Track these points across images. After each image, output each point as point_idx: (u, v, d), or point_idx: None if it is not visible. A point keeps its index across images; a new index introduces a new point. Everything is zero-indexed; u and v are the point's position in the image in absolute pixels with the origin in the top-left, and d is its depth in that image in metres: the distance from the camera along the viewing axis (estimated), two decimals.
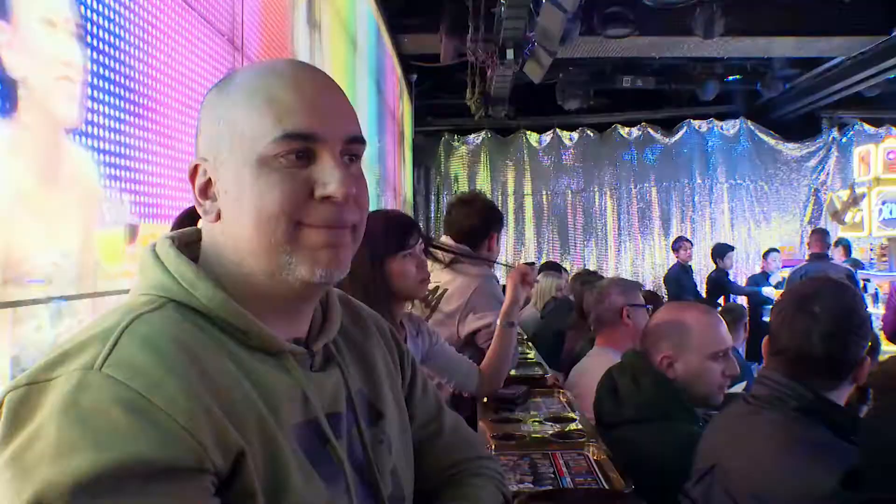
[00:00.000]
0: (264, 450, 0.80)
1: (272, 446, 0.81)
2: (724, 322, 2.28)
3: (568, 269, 7.95)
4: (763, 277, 8.50)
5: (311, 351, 0.93)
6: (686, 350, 2.15)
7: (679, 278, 8.74)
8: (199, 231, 0.94)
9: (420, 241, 2.17)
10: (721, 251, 8.78)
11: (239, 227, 0.87)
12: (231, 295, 0.86)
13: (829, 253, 7.80)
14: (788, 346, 1.70)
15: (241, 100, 0.87)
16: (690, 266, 9.02)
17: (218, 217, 0.88)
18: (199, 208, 0.90)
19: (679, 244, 9.13)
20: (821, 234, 7.78)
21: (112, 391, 0.72)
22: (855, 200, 9.00)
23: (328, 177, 0.85)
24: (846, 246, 8.54)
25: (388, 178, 7.43)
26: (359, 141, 0.91)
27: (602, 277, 5.47)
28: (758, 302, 7.90)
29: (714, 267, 8.81)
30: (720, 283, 8.54)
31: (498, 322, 2.49)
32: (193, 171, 0.90)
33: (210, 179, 0.88)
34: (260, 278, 0.88)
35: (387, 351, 1.10)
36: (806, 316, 1.68)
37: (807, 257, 7.95)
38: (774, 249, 8.95)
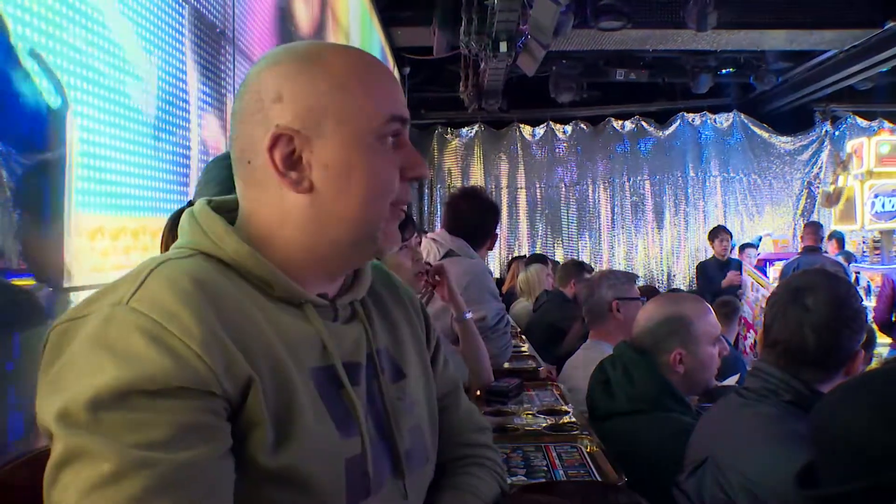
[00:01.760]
0: (276, 383, 0.85)
1: (285, 381, 0.85)
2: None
3: (560, 261, 7.92)
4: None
5: (335, 305, 0.98)
6: (694, 342, 2.18)
7: (714, 277, 7.67)
8: (237, 199, 0.97)
9: (416, 234, 2.16)
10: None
11: (343, 199, 0.92)
12: (262, 253, 0.92)
13: (822, 246, 7.82)
14: (780, 338, 1.70)
15: (349, 81, 0.92)
16: (730, 260, 7.87)
17: (310, 189, 0.91)
18: (282, 178, 0.91)
19: (717, 234, 8.00)
20: (814, 228, 7.79)
21: (134, 320, 0.79)
22: (844, 165, 9.02)
23: (416, 159, 0.96)
24: (839, 239, 8.57)
25: None
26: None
27: (581, 265, 5.47)
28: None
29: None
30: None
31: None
32: (275, 140, 0.90)
33: (295, 150, 0.90)
34: (342, 247, 0.95)
35: (417, 321, 1.14)
36: (798, 308, 1.68)
37: (800, 250, 7.96)
38: (752, 245, 8.93)
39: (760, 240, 9.06)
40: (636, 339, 2.26)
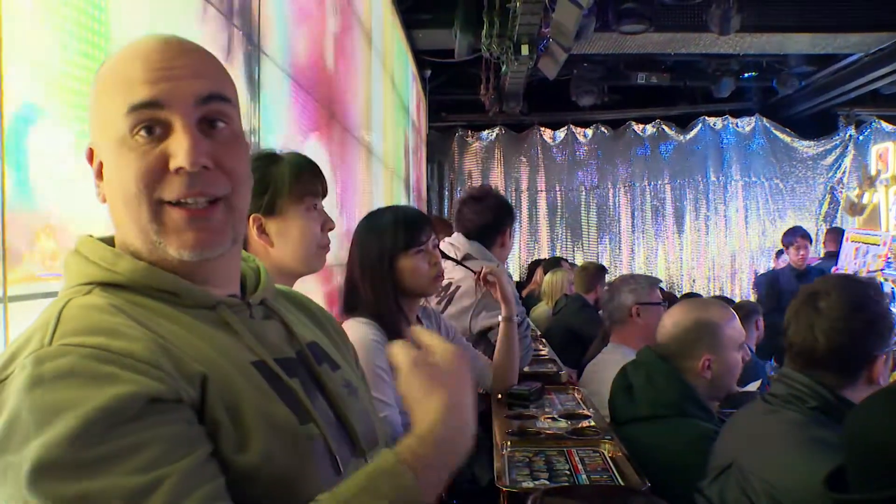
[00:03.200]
0: (220, 384, 0.82)
1: (227, 380, 0.83)
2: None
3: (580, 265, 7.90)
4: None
5: (247, 303, 0.95)
6: (722, 348, 2.19)
7: (789, 290, 5.92)
8: None
9: (433, 237, 2.16)
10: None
11: (115, 208, 0.89)
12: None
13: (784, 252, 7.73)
14: (794, 340, 1.70)
15: (103, 83, 0.88)
16: (808, 270, 6.65)
17: (105, 199, 0.90)
18: (96, 190, 0.91)
19: (793, 239, 6.87)
20: (836, 234, 7.73)
21: (71, 354, 0.74)
22: (871, 180, 8.91)
23: (177, 146, 0.84)
24: None
25: (403, 175, 7.44)
26: (219, 99, 0.88)
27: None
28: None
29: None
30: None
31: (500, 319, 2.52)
32: (90, 155, 0.91)
33: (101, 162, 0.89)
34: (144, 255, 0.89)
35: (338, 339, 1.14)
36: (811, 310, 1.68)
37: (822, 255, 7.89)
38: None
39: (781, 253, 8.97)
40: (662, 344, 2.25)
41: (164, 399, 0.75)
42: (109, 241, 0.92)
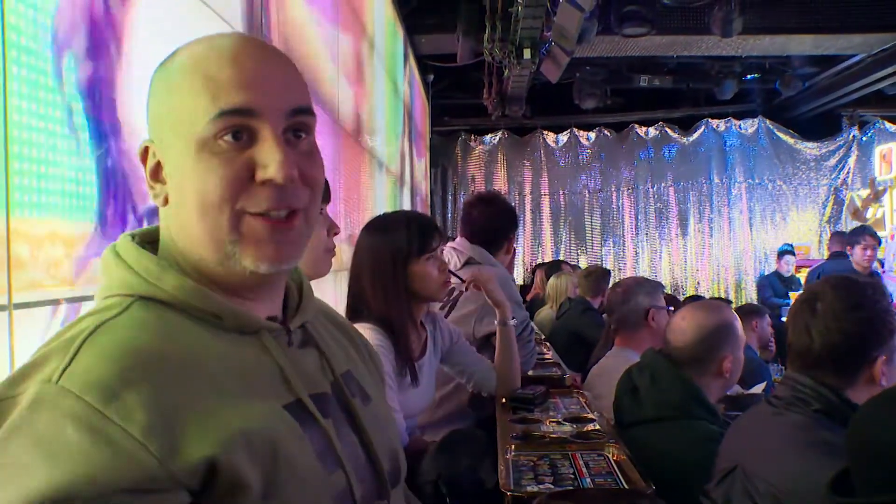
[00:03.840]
0: (251, 429, 0.77)
1: (259, 425, 0.78)
2: None
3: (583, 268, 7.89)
4: (776, 278, 8.41)
5: (287, 328, 0.92)
6: (738, 346, 2.23)
7: None
8: (158, 227, 0.91)
9: (441, 242, 2.17)
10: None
11: (185, 213, 0.84)
12: (196, 281, 0.84)
13: (849, 252, 7.73)
14: (792, 340, 1.71)
15: (180, 79, 0.84)
16: (872, 275, 6.08)
17: (166, 201, 0.86)
18: (150, 192, 0.88)
19: (859, 238, 6.34)
20: (840, 235, 7.73)
21: (66, 406, 0.69)
22: (876, 196, 8.89)
23: (268, 157, 0.81)
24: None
25: (406, 178, 7.45)
26: (305, 112, 0.86)
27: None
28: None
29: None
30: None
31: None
32: (144, 153, 0.87)
33: (160, 162, 0.86)
34: (210, 265, 0.85)
35: (364, 352, 1.11)
36: (807, 311, 1.68)
37: (826, 256, 7.89)
38: (790, 252, 8.86)
39: (792, 247, 8.95)
40: (678, 347, 2.24)
41: (143, 489, 0.69)
42: (149, 241, 0.89)
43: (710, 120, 11.22)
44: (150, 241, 0.89)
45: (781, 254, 8.73)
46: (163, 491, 0.70)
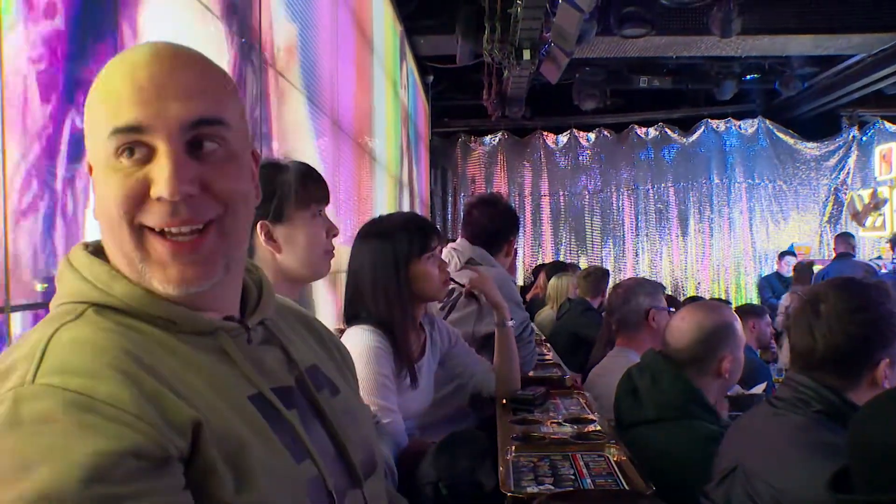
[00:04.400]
0: (218, 424, 0.78)
1: (225, 420, 0.79)
2: None
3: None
4: (776, 278, 8.44)
5: (245, 326, 0.91)
6: (738, 346, 2.22)
7: None
8: None
9: (440, 242, 2.18)
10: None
11: (100, 225, 0.85)
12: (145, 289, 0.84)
13: (854, 253, 7.76)
14: (795, 342, 1.70)
15: (94, 95, 0.83)
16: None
17: (95, 215, 0.86)
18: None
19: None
20: (845, 237, 7.76)
21: (52, 398, 0.69)
22: (876, 205, 8.91)
23: (158, 174, 0.79)
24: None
25: (406, 180, 7.45)
26: (211, 123, 0.83)
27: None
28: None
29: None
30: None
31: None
32: (88, 168, 0.87)
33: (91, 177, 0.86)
34: (135, 280, 0.84)
35: (336, 353, 1.11)
36: (810, 312, 1.68)
37: (832, 257, 7.91)
38: (791, 253, 8.88)
39: (793, 247, 8.98)
40: (677, 348, 2.24)
41: (149, 456, 0.69)
42: (103, 251, 0.88)
43: (709, 120, 11.23)
44: (104, 251, 0.88)
45: (782, 255, 8.75)
46: (169, 459, 0.71)
